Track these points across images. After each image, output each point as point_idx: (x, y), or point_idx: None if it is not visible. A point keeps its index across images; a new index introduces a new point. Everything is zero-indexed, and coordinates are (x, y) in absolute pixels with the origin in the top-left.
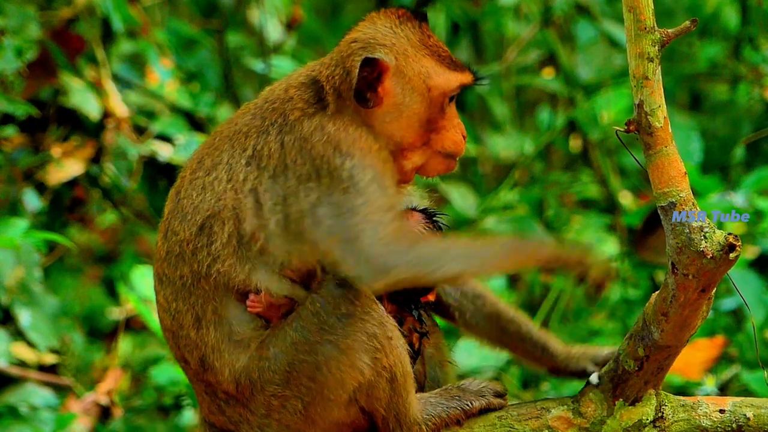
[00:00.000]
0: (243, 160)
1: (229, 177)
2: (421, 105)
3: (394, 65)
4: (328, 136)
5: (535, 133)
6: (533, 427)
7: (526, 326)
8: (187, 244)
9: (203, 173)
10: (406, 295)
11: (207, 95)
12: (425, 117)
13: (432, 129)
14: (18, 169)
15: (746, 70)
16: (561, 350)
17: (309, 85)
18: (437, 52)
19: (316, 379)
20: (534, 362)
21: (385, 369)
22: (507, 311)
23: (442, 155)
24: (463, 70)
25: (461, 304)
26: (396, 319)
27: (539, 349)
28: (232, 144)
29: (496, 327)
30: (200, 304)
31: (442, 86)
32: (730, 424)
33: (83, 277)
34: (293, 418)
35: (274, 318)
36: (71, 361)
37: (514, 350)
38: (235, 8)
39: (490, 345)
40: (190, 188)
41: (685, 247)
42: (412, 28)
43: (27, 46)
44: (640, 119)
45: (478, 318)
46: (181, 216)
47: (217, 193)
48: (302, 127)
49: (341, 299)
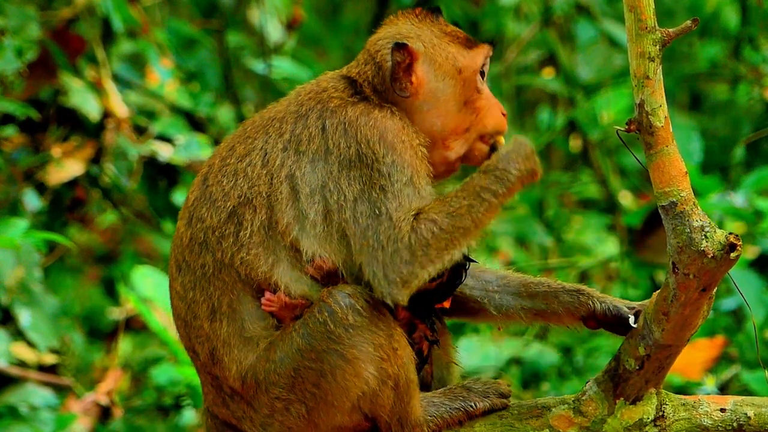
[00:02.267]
0: (280, 144)
1: (264, 162)
2: (455, 88)
3: (423, 52)
4: (375, 121)
5: (535, 133)
6: (534, 425)
7: (555, 282)
8: (213, 231)
9: (235, 159)
10: (420, 303)
11: (207, 95)
12: (462, 99)
13: (471, 111)
14: (18, 169)
15: (746, 70)
16: (598, 293)
17: (342, 80)
18: (457, 36)
19: (321, 386)
20: (573, 314)
21: (390, 378)
22: (532, 277)
23: (486, 138)
24: (482, 45)
25: (488, 292)
26: (408, 326)
27: (575, 296)
28: (266, 131)
29: (527, 295)
30: (217, 295)
31: (470, 65)
32: (731, 423)
33: (83, 277)
34: (296, 421)
35: (286, 319)
36: (71, 361)
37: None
38: (235, 8)
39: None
40: (220, 175)
41: (685, 246)
42: (431, 22)
43: (27, 46)
44: (641, 119)
45: (507, 296)
46: (209, 202)
47: (251, 179)
48: (346, 111)
49: (349, 309)
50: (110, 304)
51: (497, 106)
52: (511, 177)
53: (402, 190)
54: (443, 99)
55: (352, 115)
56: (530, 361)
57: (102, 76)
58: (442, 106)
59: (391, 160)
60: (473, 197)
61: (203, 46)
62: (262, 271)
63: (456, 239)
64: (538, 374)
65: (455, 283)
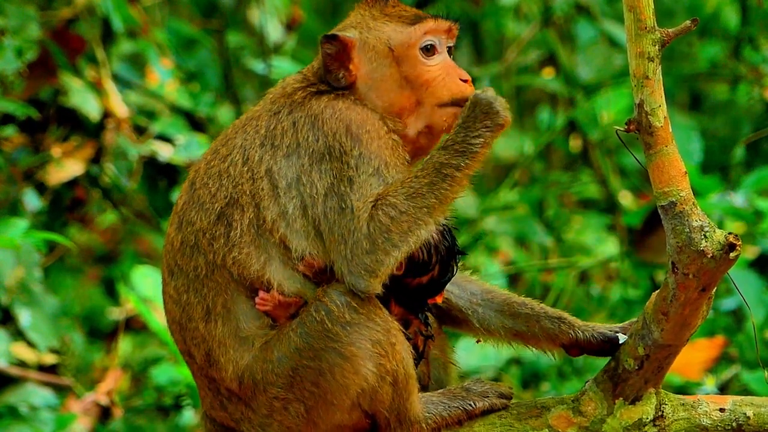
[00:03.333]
0: (257, 141)
1: (244, 160)
2: (390, 67)
3: (357, 38)
4: (340, 113)
5: (535, 133)
6: (533, 425)
7: (538, 305)
8: (204, 233)
9: (218, 161)
10: (413, 298)
11: (207, 95)
12: (400, 75)
13: (418, 85)
14: (18, 169)
15: (746, 70)
16: (579, 321)
17: (304, 77)
18: (398, 14)
19: (320, 385)
20: (553, 341)
21: (389, 374)
22: (517, 297)
23: (446, 106)
24: (425, 20)
25: (472, 304)
26: (402, 321)
27: (557, 323)
28: (245, 129)
29: (509, 314)
30: (211, 296)
31: (404, 41)
32: (730, 423)
33: (83, 277)
34: (295, 420)
35: (281, 318)
36: (71, 361)
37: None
38: (235, 8)
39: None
40: (206, 177)
41: (685, 246)
42: (378, 6)
43: (27, 46)
44: (641, 119)
45: (490, 312)
46: (198, 206)
47: (234, 178)
48: (311, 104)
49: (345, 307)
50: (110, 304)
51: (453, 74)
52: (473, 147)
53: (367, 180)
54: (380, 79)
55: (317, 108)
56: (530, 361)
57: (102, 76)
58: (381, 86)
59: (358, 152)
60: (434, 174)
61: (203, 46)
62: (254, 270)
63: (420, 219)
64: (538, 374)
65: (446, 277)
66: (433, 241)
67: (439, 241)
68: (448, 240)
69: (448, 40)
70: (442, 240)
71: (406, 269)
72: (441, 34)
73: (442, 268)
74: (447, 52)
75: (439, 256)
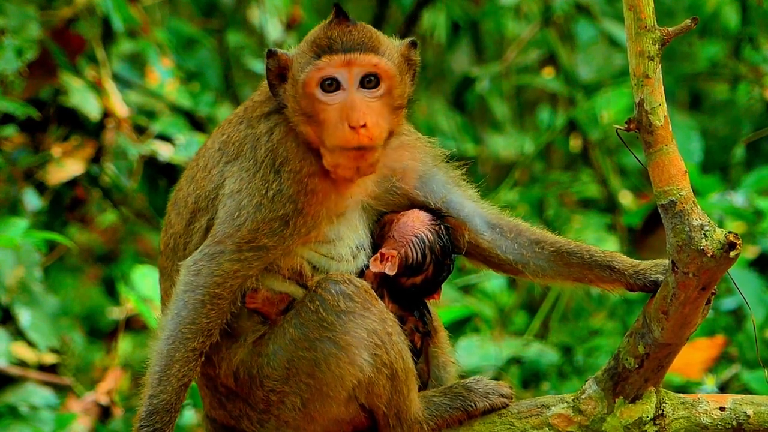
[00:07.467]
0: (216, 145)
1: (204, 163)
2: (298, 100)
3: (292, 59)
4: (271, 144)
5: (535, 132)
6: (533, 424)
7: (588, 253)
8: (180, 236)
9: (194, 163)
10: (408, 295)
11: (207, 95)
12: (303, 111)
13: (316, 123)
14: (18, 169)
15: (746, 70)
16: (629, 266)
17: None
18: (319, 41)
19: (315, 376)
20: (607, 285)
21: (386, 365)
22: (567, 245)
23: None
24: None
25: (522, 256)
26: (397, 318)
27: (607, 272)
28: (216, 132)
29: (560, 264)
30: None
31: (303, 78)
32: (730, 422)
33: (83, 277)
34: (292, 414)
35: (271, 314)
36: (71, 361)
37: (585, 281)
38: (235, 8)
39: (564, 285)
40: (184, 180)
41: (685, 245)
42: (322, 26)
43: (27, 46)
44: (641, 118)
45: (541, 263)
46: (177, 208)
47: (197, 181)
48: (260, 125)
49: (340, 296)
50: (110, 303)
51: (344, 119)
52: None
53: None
54: (294, 109)
55: (260, 131)
56: (530, 360)
57: (102, 76)
58: (297, 115)
59: (277, 188)
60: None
61: (203, 46)
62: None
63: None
64: (538, 374)
65: (440, 277)
66: (428, 242)
67: (434, 241)
68: (443, 239)
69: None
70: (437, 240)
71: (399, 270)
72: (341, 68)
73: (437, 268)
74: (360, 84)
75: (433, 256)
